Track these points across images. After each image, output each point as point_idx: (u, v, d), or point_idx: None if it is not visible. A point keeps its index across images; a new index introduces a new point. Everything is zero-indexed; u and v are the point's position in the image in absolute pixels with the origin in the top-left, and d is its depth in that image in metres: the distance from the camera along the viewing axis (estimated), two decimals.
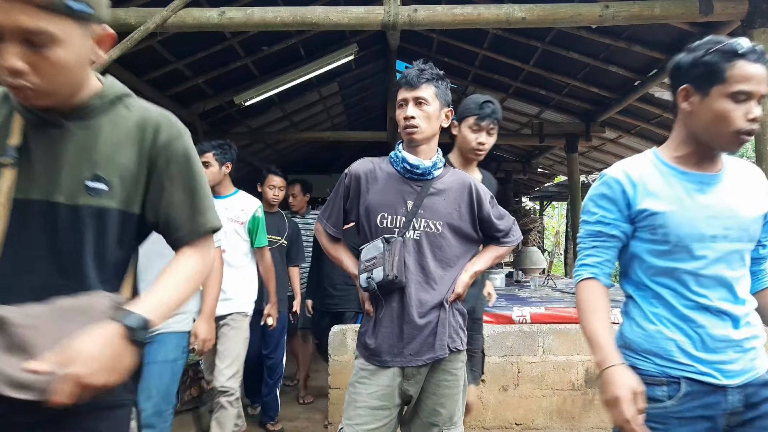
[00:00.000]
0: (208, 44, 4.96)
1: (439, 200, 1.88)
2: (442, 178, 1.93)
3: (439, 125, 1.93)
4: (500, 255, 2.05)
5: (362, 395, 1.82)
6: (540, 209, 14.33)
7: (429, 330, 1.82)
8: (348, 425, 1.81)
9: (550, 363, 3.19)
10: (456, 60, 6.46)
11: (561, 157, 9.05)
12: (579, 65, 5.51)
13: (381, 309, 1.86)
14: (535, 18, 3.47)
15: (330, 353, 3.15)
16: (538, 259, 6.39)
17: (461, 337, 1.90)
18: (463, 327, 1.92)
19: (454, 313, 1.89)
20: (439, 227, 1.87)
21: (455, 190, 1.90)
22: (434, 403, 1.85)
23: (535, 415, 3.17)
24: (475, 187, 1.94)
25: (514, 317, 3.35)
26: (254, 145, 8.77)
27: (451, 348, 1.84)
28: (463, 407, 1.94)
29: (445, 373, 1.85)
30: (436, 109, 1.89)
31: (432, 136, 1.91)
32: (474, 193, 1.92)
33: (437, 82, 1.91)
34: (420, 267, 1.85)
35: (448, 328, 1.84)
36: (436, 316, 1.83)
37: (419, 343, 1.81)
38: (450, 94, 1.97)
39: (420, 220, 1.86)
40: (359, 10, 3.47)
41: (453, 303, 1.89)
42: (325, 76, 6.43)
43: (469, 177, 1.99)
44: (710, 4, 3.40)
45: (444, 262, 1.88)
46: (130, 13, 3.43)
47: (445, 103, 1.93)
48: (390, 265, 1.78)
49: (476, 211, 1.92)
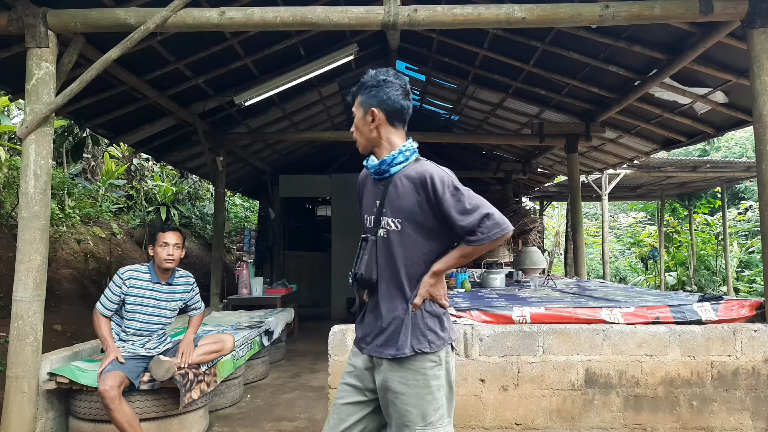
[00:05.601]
0: (208, 44, 4.96)
1: (398, 197, 1.88)
2: (403, 174, 1.90)
3: (373, 127, 1.93)
4: (466, 254, 1.87)
5: (345, 373, 2.01)
6: (540, 209, 14.32)
7: (394, 327, 1.87)
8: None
9: (550, 363, 3.19)
10: (456, 60, 6.46)
11: (561, 157, 9.05)
12: (579, 65, 5.51)
13: (370, 301, 1.97)
14: (535, 18, 3.47)
15: (330, 353, 3.15)
16: (538, 259, 6.40)
17: (429, 340, 1.85)
18: (434, 329, 1.87)
19: (423, 314, 1.87)
20: (398, 224, 1.88)
21: (411, 185, 1.87)
22: (403, 402, 1.83)
23: (535, 415, 3.17)
24: (431, 178, 1.83)
25: (514, 317, 3.35)
26: (254, 145, 8.77)
27: (416, 349, 1.83)
28: (444, 409, 1.87)
29: (412, 372, 1.84)
30: (361, 117, 1.95)
31: (370, 140, 1.97)
32: (430, 186, 1.82)
33: (359, 91, 1.97)
34: (389, 265, 1.90)
35: (413, 328, 1.85)
36: (402, 315, 1.87)
37: (385, 338, 1.88)
38: (374, 92, 1.93)
39: (385, 218, 1.90)
40: (359, 10, 3.47)
41: (426, 304, 1.87)
42: (325, 76, 6.43)
43: (430, 169, 1.86)
44: (710, 4, 3.40)
45: (411, 260, 1.88)
46: (130, 13, 3.43)
47: (368, 105, 1.93)
48: (359, 263, 1.91)
49: (436, 206, 1.84)
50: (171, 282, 3.64)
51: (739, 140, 19.02)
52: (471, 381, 3.17)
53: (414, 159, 1.94)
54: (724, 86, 4.97)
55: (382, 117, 1.92)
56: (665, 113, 5.95)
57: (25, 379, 3.27)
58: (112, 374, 3.17)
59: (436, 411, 1.84)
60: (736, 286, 12.90)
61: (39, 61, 3.40)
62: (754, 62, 3.41)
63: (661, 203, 13.10)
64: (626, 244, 18.18)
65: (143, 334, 3.55)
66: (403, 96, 1.94)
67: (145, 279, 3.54)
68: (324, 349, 3.60)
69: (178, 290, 3.67)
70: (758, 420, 3.16)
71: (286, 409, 4.25)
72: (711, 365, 3.18)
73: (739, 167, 9.99)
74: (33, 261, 3.34)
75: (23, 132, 3.38)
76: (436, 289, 1.88)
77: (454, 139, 9.71)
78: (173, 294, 3.65)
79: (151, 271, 3.58)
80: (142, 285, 3.52)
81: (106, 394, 3.07)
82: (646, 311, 3.36)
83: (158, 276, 3.57)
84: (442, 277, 1.91)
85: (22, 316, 3.30)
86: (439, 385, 1.86)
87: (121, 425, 3.09)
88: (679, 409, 3.16)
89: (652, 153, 7.45)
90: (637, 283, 14.63)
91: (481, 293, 4.74)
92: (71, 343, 4.74)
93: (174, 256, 3.56)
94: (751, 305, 3.41)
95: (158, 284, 3.57)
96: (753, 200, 14.95)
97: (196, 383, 3.50)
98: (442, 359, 1.88)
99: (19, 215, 3.41)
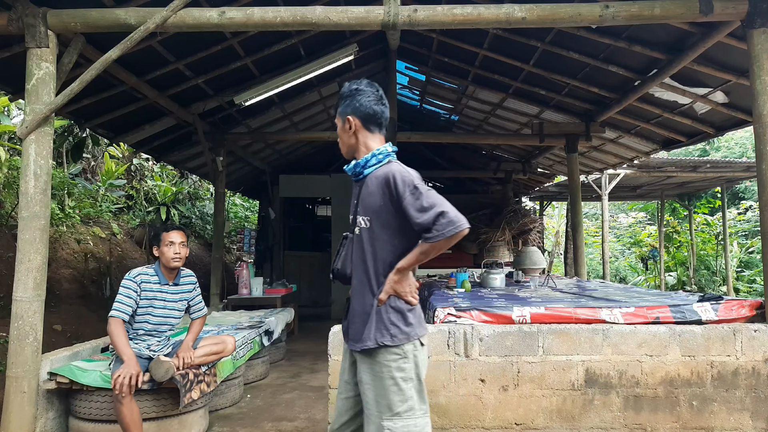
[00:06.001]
0: (208, 44, 4.96)
1: (368, 196, 2.02)
2: (373, 175, 2.03)
3: (351, 133, 2.09)
4: (425, 251, 1.91)
5: (341, 370, 2.15)
6: (540, 209, 14.32)
7: (362, 321, 2.01)
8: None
9: (550, 363, 3.19)
10: (456, 60, 6.46)
11: (561, 157, 9.04)
12: (579, 65, 5.51)
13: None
14: (535, 18, 3.47)
15: (330, 353, 3.15)
16: (538, 259, 6.39)
17: (392, 334, 1.95)
18: (397, 323, 1.96)
19: (388, 309, 1.98)
20: (367, 222, 2.01)
21: (378, 185, 1.99)
22: (371, 393, 1.95)
23: (535, 415, 3.17)
24: (393, 178, 1.94)
25: (514, 317, 3.35)
26: (254, 145, 8.77)
27: (379, 342, 1.94)
28: (414, 401, 1.94)
29: (378, 364, 1.95)
30: (341, 126, 2.12)
31: (350, 146, 2.12)
32: (393, 185, 1.93)
33: (338, 102, 2.16)
34: (361, 261, 2.03)
35: (377, 323, 1.97)
36: (369, 310, 2.00)
37: (355, 331, 2.03)
38: (348, 102, 2.10)
39: (360, 217, 2.04)
40: (359, 10, 3.47)
41: (391, 299, 1.98)
42: (325, 76, 6.43)
43: (394, 169, 1.97)
44: (710, 4, 3.40)
45: (378, 257, 2.00)
46: (130, 13, 3.43)
47: (345, 114, 2.10)
48: (337, 259, 2.11)
49: (398, 204, 1.93)
50: (178, 282, 3.63)
51: (739, 140, 19.02)
52: (471, 381, 3.17)
53: (387, 161, 2.04)
54: (724, 86, 4.97)
55: (358, 123, 2.08)
56: (665, 113, 5.95)
57: (25, 379, 3.27)
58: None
59: (403, 402, 1.92)
60: (736, 286, 12.90)
61: (39, 61, 3.40)
62: (754, 62, 3.41)
63: (661, 203, 13.11)
64: (626, 244, 18.18)
65: (153, 335, 3.54)
66: (375, 102, 2.08)
67: (154, 282, 3.51)
68: (324, 349, 3.61)
69: (182, 290, 3.66)
70: (758, 420, 3.16)
71: (286, 409, 4.25)
72: (711, 365, 3.18)
73: (739, 167, 9.99)
74: (33, 261, 3.34)
75: (23, 132, 3.38)
76: (400, 285, 1.97)
77: (454, 139, 9.71)
78: (179, 294, 3.64)
79: (158, 273, 3.55)
80: (152, 287, 3.50)
81: (122, 387, 3.06)
82: (646, 311, 3.36)
83: (165, 277, 3.56)
84: (406, 274, 1.99)
85: (22, 316, 3.30)
86: (406, 377, 1.94)
87: (126, 423, 3.09)
88: (679, 409, 3.16)
89: (652, 153, 7.45)
90: (637, 283, 14.63)
91: (481, 293, 4.74)
92: (71, 343, 4.74)
93: (181, 254, 3.55)
94: (751, 305, 3.41)
95: (166, 285, 3.56)
96: (753, 200, 14.96)
97: (196, 383, 3.50)
98: (407, 352, 1.96)
99: (19, 215, 3.41)
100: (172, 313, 3.59)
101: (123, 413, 3.08)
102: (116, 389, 3.06)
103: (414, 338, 1.98)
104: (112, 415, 3.25)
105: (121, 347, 3.24)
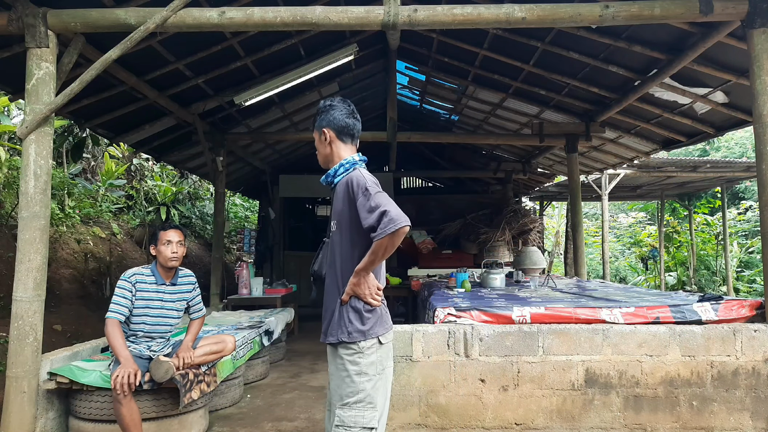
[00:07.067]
0: (208, 44, 4.96)
1: (336, 202, 2.18)
2: (339, 182, 2.17)
3: (327, 144, 2.26)
4: (374, 251, 2.00)
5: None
6: (540, 209, 14.31)
7: (329, 318, 2.17)
8: None
9: (550, 363, 3.19)
10: (456, 60, 6.46)
11: (561, 157, 9.05)
12: (579, 65, 5.51)
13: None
14: (535, 18, 3.47)
15: None
16: (538, 259, 6.40)
17: (348, 331, 2.10)
18: (354, 322, 2.10)
19: (348, 309, 2.12)
20: (334, 226, 2.19)
21: (341, 191, 2.15)
22: (332, 383, 2.16)
23: (535, 415, 3.17)
24: (350, 183, 2.09)
25: (514, 317, 3.35)
26: (254, 145, 8.77)
27: (338, 338, 2.11)
28: (366, 394, 2.06)
29: (338, 358, 2.13)
30: (318, 138, 2.30)
31: (326, 156, 2.28)
32: (349, 189, 2.09)
33: (315, 117, 2.33)
34: (332, 263, 2.19)
35: (338, 320, 2.13)
36: (333, 308, 2.16)
37: (325, 327, 2.20)
38: (323, 116, 2.28)
39: (332, 221, 2.21)
40: (359, 10, 3.47)
41: (351, 300, 2.11)
42: (325, 76, 6.43)
43: (353, 174, 2.12)
44: (710, 4, 3.40)
45: (344, 258, 2.14)
46: (130, 13, 3.43)
47: (321, 126, 2.28)
48: (315, 260, 2.30)
49: (355, 207, 2.06)
50: (175, 282, 3.62)
51: (739, 140, 19.02)
52: (471, 381, 3.17)
53: (353, 169, 2.16)
54: (724, 86, 4.97)
55: (332, 134, 2.25)
56: (665, 113, 5.95)
57: (25, 379, 3.27)
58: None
59: (353, 394, 2.07)
60: (736, 286, 12.90)
61: (39, 61, 3.40)
62: (754, 62, 3.41)
63: (661, 203, 13.11)
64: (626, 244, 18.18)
65: (153, 335, 3.54)
66: (347, 115, 2.27)
67: (150, 282, 3.50)
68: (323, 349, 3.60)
69: (180, 290, 3.66)
70: (758, 420, 3.16)
71: (286, 409, 4.25)
72: (711, 365, 3.19)
73: (739, 167, 9.99)
74: (33, 261, 3.34)
75: (23, 132, 3.38)
76: (358, 287, 2.10)
77: (454, 139, 9.71)
78: (177, 294, 3.63)
79: (155, 273, 3.54)
80: (148, 288, 3.49)
81: (122, 387, 3.06)
82: (646, 311, 3.36)
83: (162, 277, 3.55)
84: (364, 276, 2.09)
85: (22, 316, 3.30)
86: (359, 372, 2.09)
87: (125, 423, 3.09)
88: (679, 409, 3.16)
89: (652, 153, 7.45)
90: (637, 283, 14.63)
91: (481, 293, 4.74)
92: (71, 343, 4.74)
93: (178, 253, 3.54)
94: (751, 305, 3.41)
95: (163, 285, 3.54)
96: (753, 200, 14.96)
97: (196, 383, 3.50)
98: (363, 349, 2.10)
99: (19, 215, 3.41)
100: (170, 313, 3.58)
101: (122, 413, 3.08)
102: (116, 389, 3.07)
103: (371, 337, 2.11)
104: (112, 415, 3.24)
105: (118, 348, 3.23)
